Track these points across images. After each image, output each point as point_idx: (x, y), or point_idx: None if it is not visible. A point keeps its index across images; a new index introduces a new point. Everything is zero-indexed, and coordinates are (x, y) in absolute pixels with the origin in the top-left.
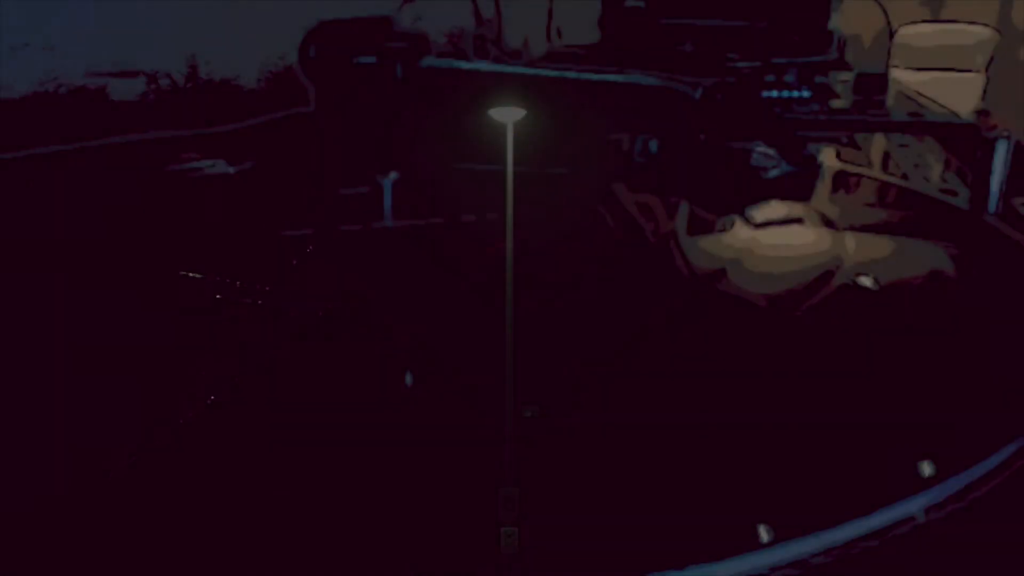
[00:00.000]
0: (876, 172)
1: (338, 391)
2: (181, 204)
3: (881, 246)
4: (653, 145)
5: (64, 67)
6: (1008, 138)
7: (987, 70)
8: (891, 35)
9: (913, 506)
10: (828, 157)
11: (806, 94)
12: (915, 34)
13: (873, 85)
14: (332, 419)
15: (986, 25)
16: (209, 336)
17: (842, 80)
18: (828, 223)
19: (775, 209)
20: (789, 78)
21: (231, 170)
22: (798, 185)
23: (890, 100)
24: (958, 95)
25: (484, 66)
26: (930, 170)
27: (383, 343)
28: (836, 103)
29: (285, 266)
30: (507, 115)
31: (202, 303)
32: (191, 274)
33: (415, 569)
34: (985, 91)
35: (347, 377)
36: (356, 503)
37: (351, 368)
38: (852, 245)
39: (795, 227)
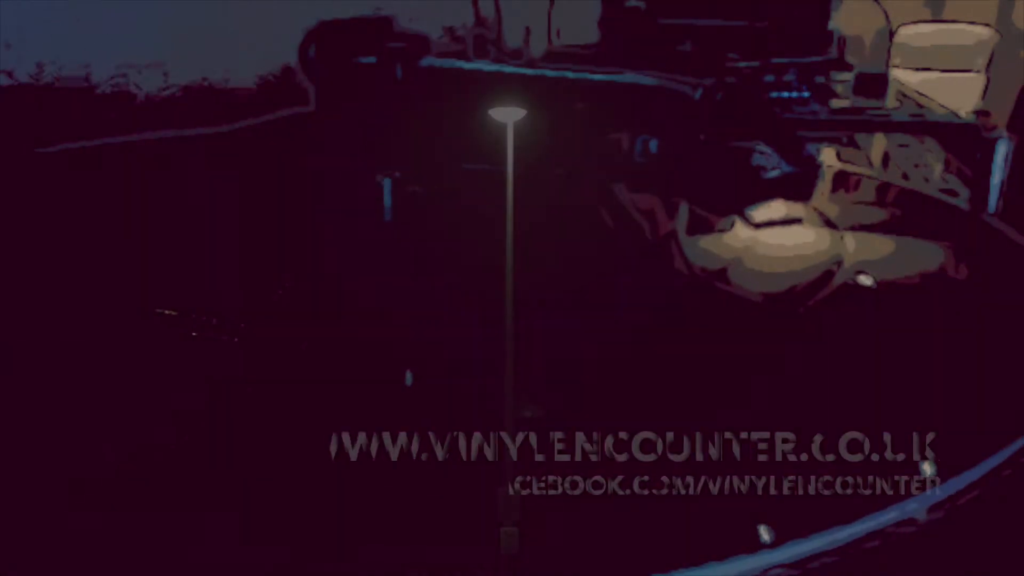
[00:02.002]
0: (876, 172)
1: (337, 391)
2: (179, 206)
3: (881, 246)
4: (653, 145)
5: (64, 67)
6: (1008, 138)
7: (987, 70)
8: (891, 35)
9: (913, 506)
10: (828, 157)
11: (806, 94)
12: (915, 34)
13: (873, 85)
14: (330, 418)
15: (986, 25)
16: (183, 372)
17: (842, 80)
18: (828, 223)
19: (775, 209)
20: (789, 78)
21: None
22: (798, 185)
23: (890, 100)
24: (958, 95)
25: (484, 66)
26: (930, 170)
27: (381, 344)
28: (836, 103)
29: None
30: (507, 115)
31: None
32: (166, 311)
33: (415, 569)
34: (985, 91)
35: (346, 377)
36: (356, 503)
37: (350, 368)
38: (852, 245)
39: (795, 227)
